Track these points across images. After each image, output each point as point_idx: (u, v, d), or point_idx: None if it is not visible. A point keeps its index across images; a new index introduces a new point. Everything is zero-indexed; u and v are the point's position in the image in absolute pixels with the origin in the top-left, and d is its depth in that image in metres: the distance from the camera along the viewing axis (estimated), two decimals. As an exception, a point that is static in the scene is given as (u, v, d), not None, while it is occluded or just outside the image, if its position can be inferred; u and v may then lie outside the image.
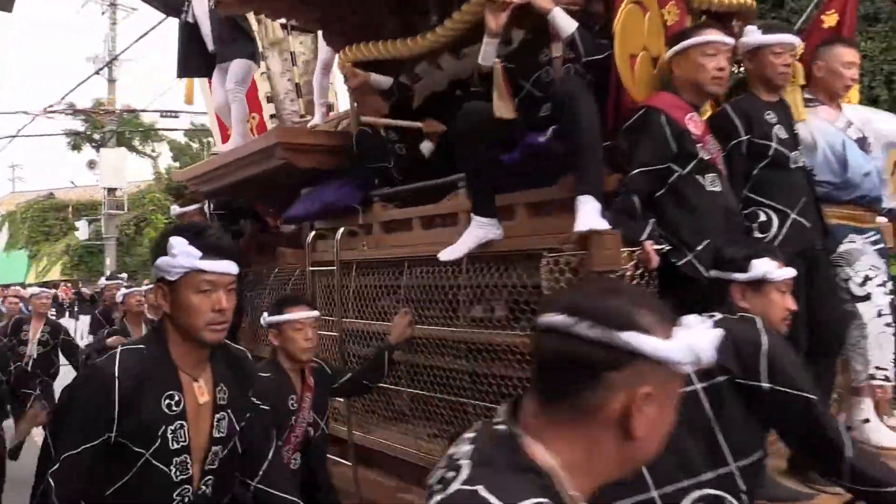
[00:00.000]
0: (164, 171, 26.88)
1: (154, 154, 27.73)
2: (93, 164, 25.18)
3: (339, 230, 3.52)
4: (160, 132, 26.15)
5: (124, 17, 22.30)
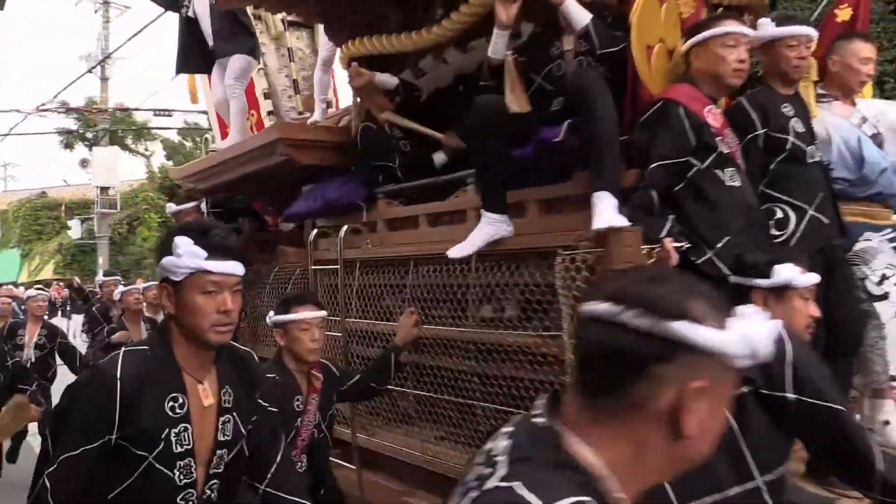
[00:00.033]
0: (157, 169, 26.77)
1: (147, 153, 27.67)
2: (85, 163, 24.97)
3: (343, 228, 3.45)
4: (153, 131, 26.12)
5: (117, 16, 22.12)
